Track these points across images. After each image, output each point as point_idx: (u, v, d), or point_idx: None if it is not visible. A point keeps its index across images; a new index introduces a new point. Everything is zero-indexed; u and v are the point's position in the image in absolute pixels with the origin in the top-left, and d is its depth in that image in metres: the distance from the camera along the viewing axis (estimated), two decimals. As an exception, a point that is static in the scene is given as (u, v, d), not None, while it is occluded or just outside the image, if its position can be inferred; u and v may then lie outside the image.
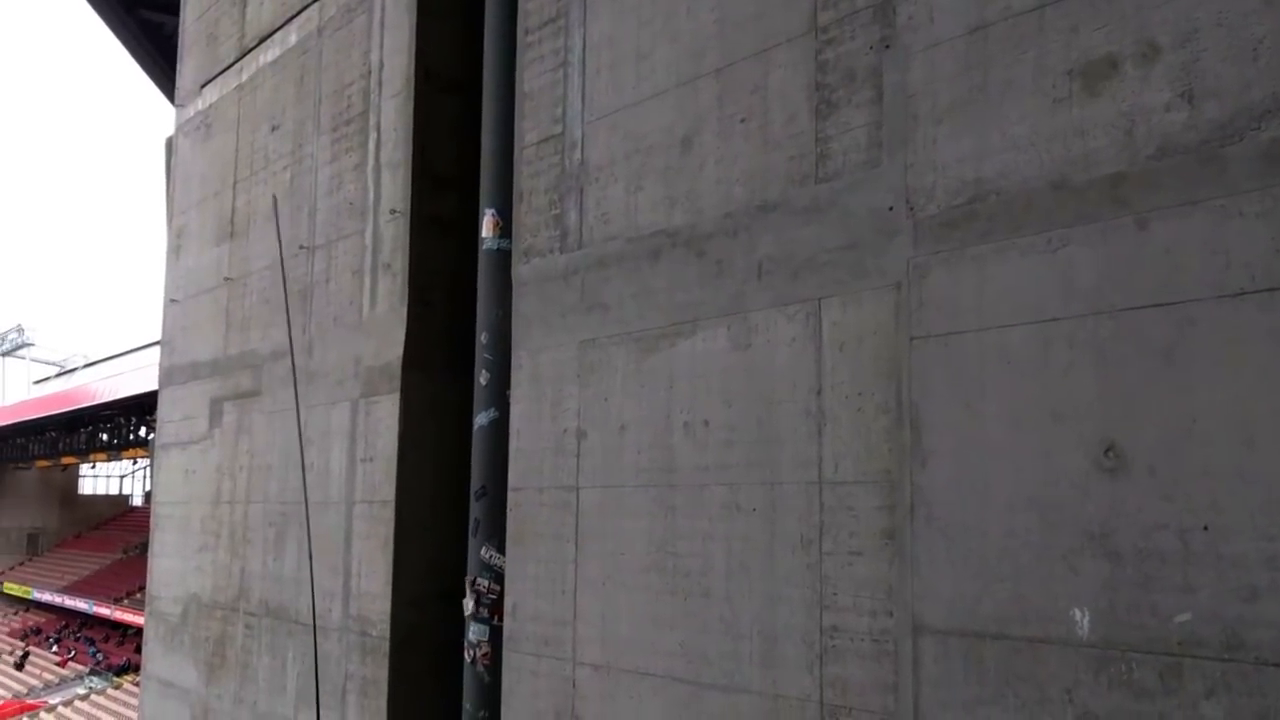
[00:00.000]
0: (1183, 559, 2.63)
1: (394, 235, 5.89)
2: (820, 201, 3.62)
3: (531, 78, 4.99)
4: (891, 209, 3.39)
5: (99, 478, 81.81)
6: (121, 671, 48.67)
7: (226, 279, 7.64)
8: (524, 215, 4.96)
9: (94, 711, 45.72)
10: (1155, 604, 2.67)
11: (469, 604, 5.01)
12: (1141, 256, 2.76)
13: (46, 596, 61.97)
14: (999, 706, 2.96)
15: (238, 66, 7.82)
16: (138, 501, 76.08)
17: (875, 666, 3.29)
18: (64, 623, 61.67)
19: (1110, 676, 2.73)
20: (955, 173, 3.22)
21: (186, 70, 8.77)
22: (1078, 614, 2.81)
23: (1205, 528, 2.61)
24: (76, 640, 58.08)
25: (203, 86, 8.37)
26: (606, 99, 4.56)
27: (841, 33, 3.60)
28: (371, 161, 6.16)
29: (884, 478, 3.32)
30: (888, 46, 3.44)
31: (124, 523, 71.76)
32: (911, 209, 3.33)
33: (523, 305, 4.92)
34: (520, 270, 4.96)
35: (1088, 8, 2.94)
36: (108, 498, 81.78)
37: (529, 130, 4.97)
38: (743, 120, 3.94)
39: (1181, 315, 2.68)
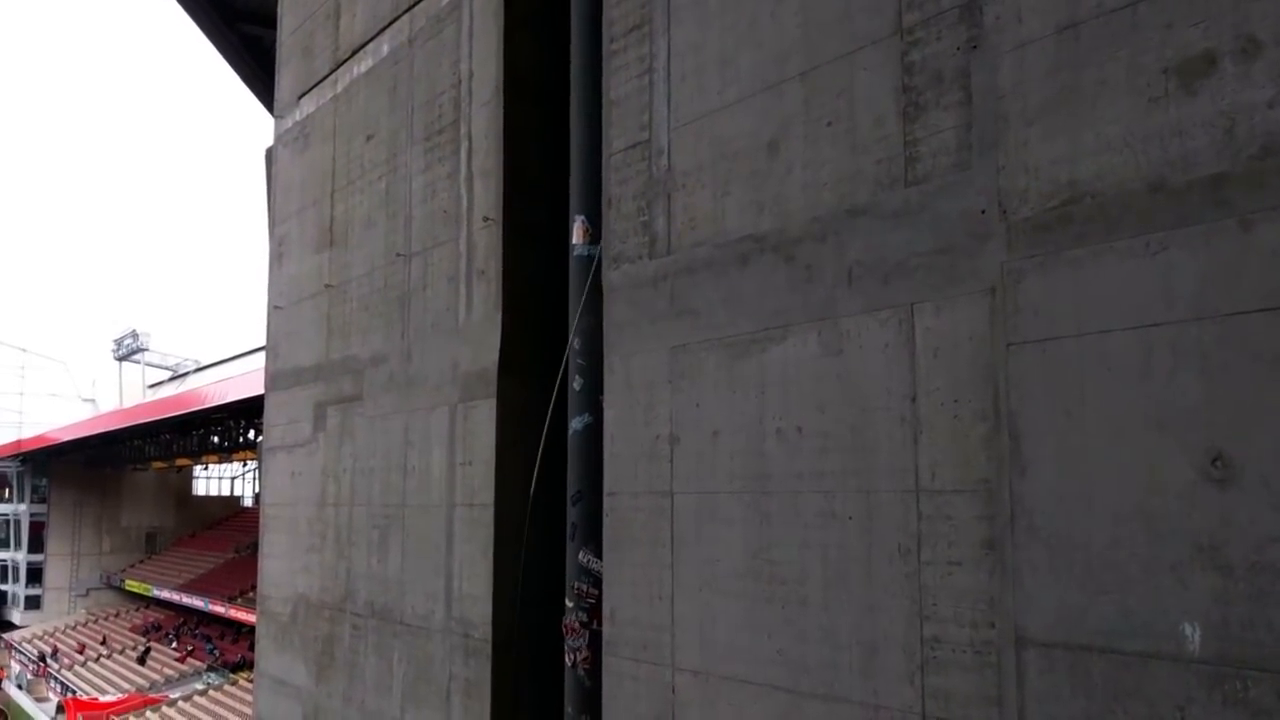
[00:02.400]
0: (1298, 573, 2.53)
1: (487, 242, 5.95)
2: (910, 205, 3.57)
3: (617, 85, 4.99)
4: (984, 212, 3.32)
5: (211, 479, 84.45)
6: (237, 668, 50.14)
7: (327, 286, 7.80)
8: (613, 222, 4.97)
9: (212, 707, 47.14)
10: (1271, 620, 2.57)
11: (569, 608, 5.06)
12: (1246, 259, 2.66)
13: (165, 594, 64.15)
14: (1107, 722, 2.89)
15: (333, 78, 7.98)
16: (248, 502, 78.36)
17: (978, 678, 3.23)
18: (181, 619, 63.79)
19: (1225, 694, 2.64)
20: (1048, 175, 3.14)
21: (284, 82, 8.98)
22: (1188, 629, 2.72)
23: (1322, 540, 2.52)
24: (194, 637, 59.98)
25: (300, 98, 8.56)
26: (692, 105, 4.54)
27: (927, 34, 3.53)
28: (464, 170, 6.23)
29: (982, 486, 3.26)
30: (975, 47, 3.37)
31: (235, 523, 73.96)
32: (1004, 212, 3.26)
33: (613, 311, 4.94)
34: (610, 276, 4.97)
35: (1183, 4, 2.84)
36: (220, 498, 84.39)
37: (616, 137, 4.98)
38: (829, 124, 3.89)
39: (1291, 320, 2.58)
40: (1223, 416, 2.69)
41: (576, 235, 5.23)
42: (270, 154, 9.35)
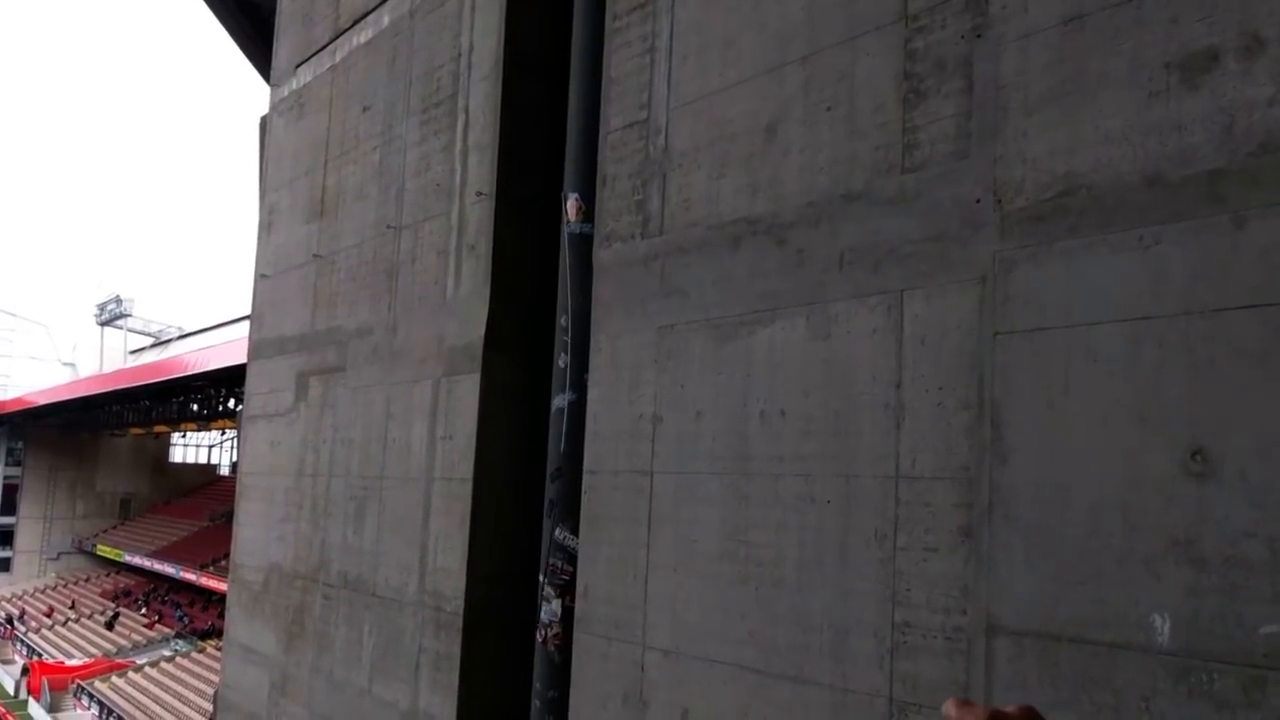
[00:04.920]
0: (1271, 569, 2.54)
1: (479, 217, 5.94)
2: (906, 192, 3.57)
3: (618, 63, 4.99)
4: (978, 201, 3.32)
5: (189, 447, 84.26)
6: (206, 636, 50.11)
7: (315, 256, 7.77)
8: (606, 200, 4.97)
9: (178, 674, 47.10)
10: (1241, 614, 2.59)
11: (542, 584, 5.06)
12: (1237, 256, 2.67)
13: (136, 560, 64.03)
14: (1073, 711, 2.90)
15: (331, 48, 7.94)
16: (224, 471, 78.25)
17: (947, 664, 3.24)
18: (152, 586, 63.67)
19: (1190, 686, 2.66)
20: (1045, 166, 3.15)
21: (282, 51, 8.93)
22: (1158, 621, 2.74)
23: (1296, 537, 2.53)
24: (164, 604, 59.85)
25: (297, 67, 8.52)
26: (692, 85, 4.54)
27: (932, 21, 3.53)
28: (459, 144, 6.22)
29: (962, 474, 3.27)
30: (979, 36, 3.37)
31: (211, 491, 73.85)
32: (999, 202, 3.26)
33: (603, 290, 4.94)
34: (601, 255, 4.97)
35: (1189, -2, 2.85)
36: (196, 466, 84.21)
37: (614, 115, 4.98)
38: (828, 108, 3.90)
39: (1278, 318, 2.59)
40: (1205, 411, 2.70)
41: (569, 212, 5.22)
42: (264, 122, 9.31)
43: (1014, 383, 3.16)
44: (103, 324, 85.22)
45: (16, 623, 63.73)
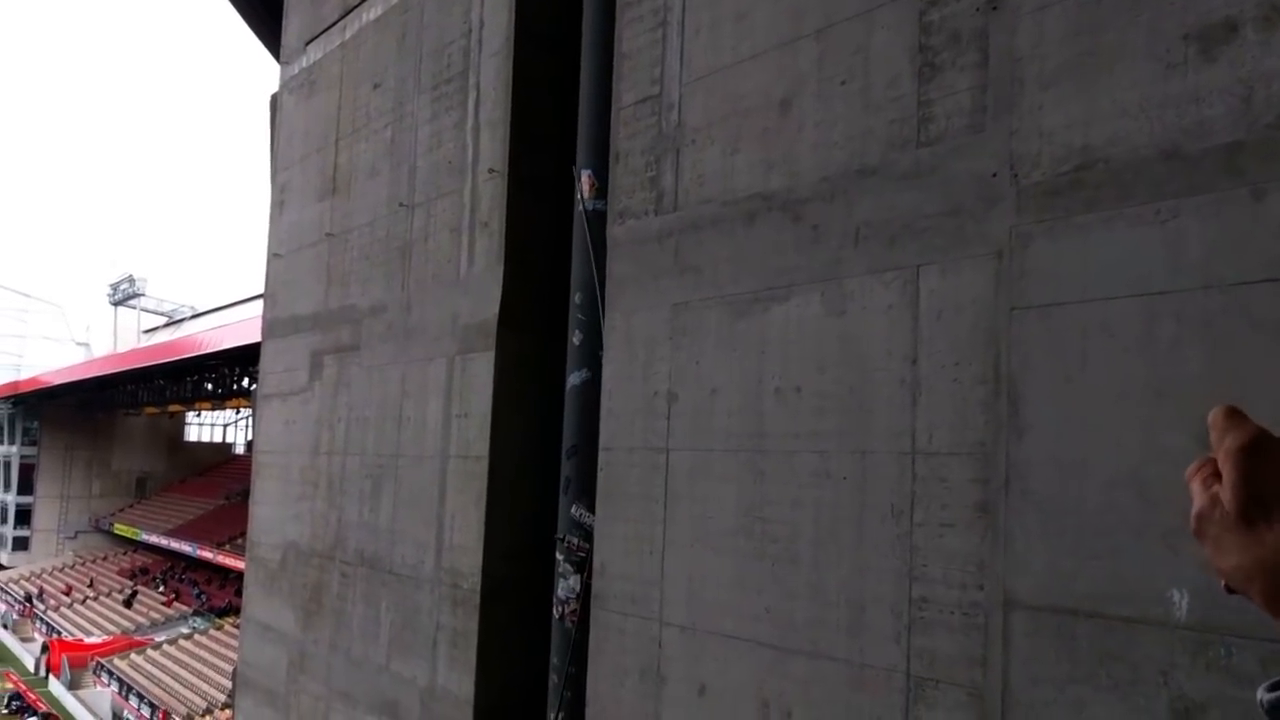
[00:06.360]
0: (1289, 543, 2.53)
1: (492, 194, 5.93)
2: (921, 166, 3.55)
3: (630, 38, 4.96)
4: (995, 175, 3.30)
5: (204, 425, 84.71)
6: (223, 613, 50.45)
7: (328, 234, 7.77)
8: (620, 176, 4.95)
9: (197, 650, 47.50)
10: (1258, 588, 2.58)
11: (559, 561, 5.08)
12: (1255, 229, 2.65)
13: (153, 538, 64.49)
14: (1090, 685, 2.91)
15: (341, 24, 7.91)
16: (240, 450, 78.68)
17: (964, 640, 3.25)
18: (169, 564, 64.09)
19: (1208, 660, 2.66)
20: (1062, 139, 3.12)
21: (292, 28, 8.91)
22: (1176, 595, 2.74)
23: (1314, 511, 2.52)
24: (181, 582, 60.26)
25: (307, 44, 8.49)
26: (705, 60, 4.51)
27: (948, -7, 3.51)
28: (470, 120, 6.20)
29: (979, 450, 3.26)
30: (995, 8, 3.34)
31: (226, 470, 74.21)
32: (1015, 176, 3.24)
33: (616, 267, 4.93)
34: (615, 232, 4.96)
35: (1208, -31, 2.82)
36: (212, 445, 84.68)
37: (626, 91, 4.95)
38: (843, 82, 3.87)
39: (1297, 291, 2.57)
40: (1222, 386, 2.69)
41: (583, 189, 5.20)
42: (275, 100, 9.29)
43: (1030, 358, 3.15)
44: (116, 304, 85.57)
45: (35, 601, 64.33)
